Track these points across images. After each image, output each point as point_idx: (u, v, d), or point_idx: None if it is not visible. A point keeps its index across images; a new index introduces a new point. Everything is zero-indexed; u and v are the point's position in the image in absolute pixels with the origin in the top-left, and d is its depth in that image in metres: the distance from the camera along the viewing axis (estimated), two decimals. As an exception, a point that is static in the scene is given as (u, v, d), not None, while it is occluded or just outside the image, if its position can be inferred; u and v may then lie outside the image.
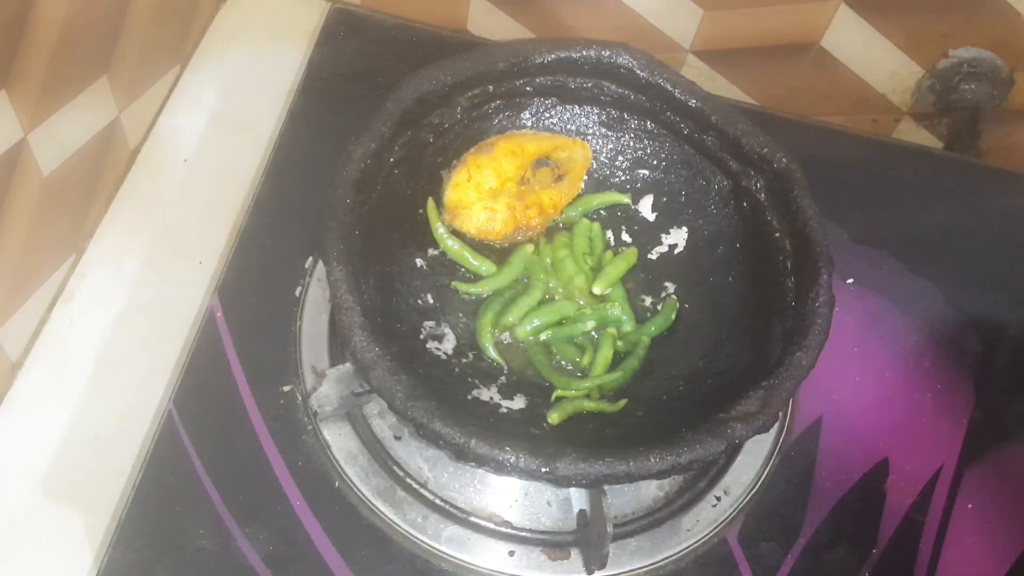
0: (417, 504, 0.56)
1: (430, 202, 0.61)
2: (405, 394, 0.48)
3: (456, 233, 0.62)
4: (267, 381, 0.59)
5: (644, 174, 0.66)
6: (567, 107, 0.65)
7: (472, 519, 0.56)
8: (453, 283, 0.61)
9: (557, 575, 0.55)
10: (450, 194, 0.62)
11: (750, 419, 0.50)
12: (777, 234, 0.59)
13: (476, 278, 0.62)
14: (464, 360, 0.59)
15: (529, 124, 0.65)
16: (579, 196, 0.66)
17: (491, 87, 0.61)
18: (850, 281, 0.70)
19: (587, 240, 0.64)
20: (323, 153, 0.59)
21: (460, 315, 0.61)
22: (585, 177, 0.66)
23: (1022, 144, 0.83)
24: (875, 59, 0.79)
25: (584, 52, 0.61)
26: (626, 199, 0.66)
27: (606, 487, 0.53)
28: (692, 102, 0.61)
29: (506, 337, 0.60)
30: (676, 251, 0.65)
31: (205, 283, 0.66)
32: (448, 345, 0.59)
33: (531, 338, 0.60)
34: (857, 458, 0.63)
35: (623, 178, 0.67)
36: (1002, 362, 0.69)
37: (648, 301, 0.64)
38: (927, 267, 0.72)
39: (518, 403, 0.58)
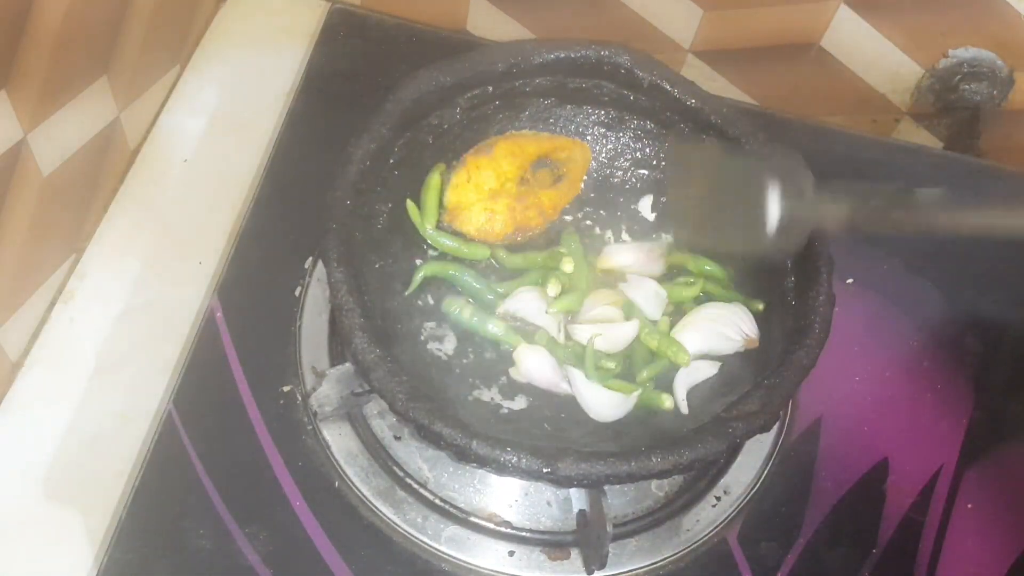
0: (417, 504, 0.56)
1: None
2: (406, 395, 0.48)
3: (454, 233, 0.62)
4: (267, 381, 0.59)
5: (644, 174, 0.66)
6: (566, 107, 0.65)
7: (472, 519, 0.56)
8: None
9: (557, 575, 0.55)
10: (449, 195, 0.62)
11: (751, 418, 0.50)
12: (777, 234, 0.59)
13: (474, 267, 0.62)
14: (465, 361, 0.59)
15: (528, 125, 0.65)
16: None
17: (490, 88, 0.61)
18: (850, 281, 0.70)
19: None
20: (323, 153, 0.59)
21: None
22: (585, 177, 0.66)
23: (1022, 144, 0.83)
24: (875, 59, 0.79)
25: (583, 52, 0.61)
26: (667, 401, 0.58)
27: (606, 487, 0.53)
28: (691, 102, 0.61)
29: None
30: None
31: (205, 283, 0.66)
32: (449, 346, 0.59)
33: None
34: (857, 458, 0.63)
35: (623, 178, 0.67)
36: (1002, 362, 0.69)
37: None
38: (927, 267, 0.72)
39: (519, 403, 0.58)
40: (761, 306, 0.59)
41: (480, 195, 0.62)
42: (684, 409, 0.56)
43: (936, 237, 0.72)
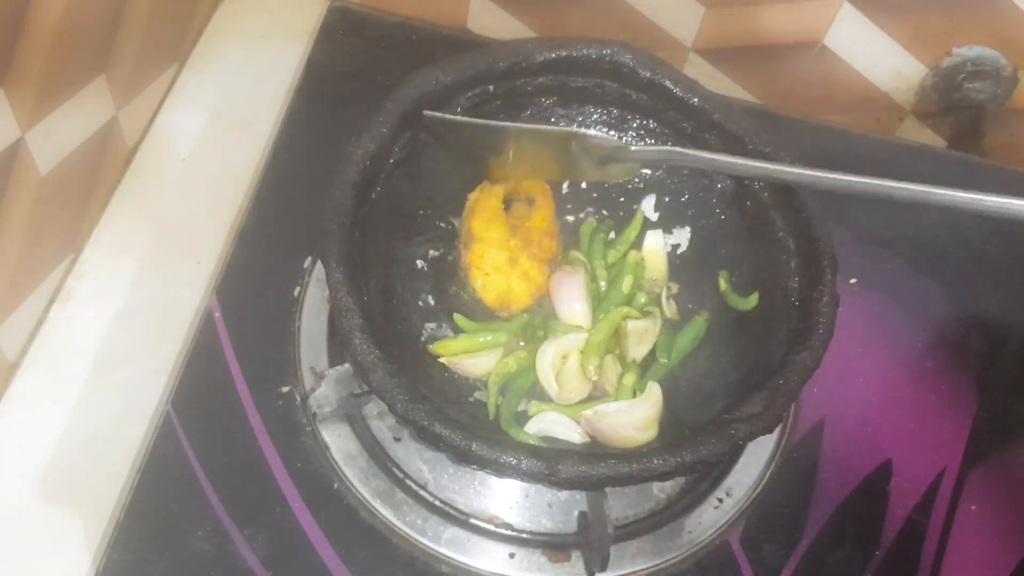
0: (417, 506, 0.56)
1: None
2: (406, 397, 0.48)
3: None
4: (266, 382, 0.59)
5: (646, 173, 0.66)
6: (568, 107, 0.65)
7: (472, 521, 0.56)
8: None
9: (558, 578, 0.55)
10: (486, 297, 0.60)
11: (754, 420, 0.50)
12: (780, 233, 0.59)
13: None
14: (464, 361, 0.59)
15: (530, 124, 0.65)
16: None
17: (491, 87, 0.61)
18: (853, 281, 0.69)
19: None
20: (322, 152, 0.58)
21: (460, 316, 0.61)
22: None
23: (1026, 143, 0.82)
24: (878, 57, 0.79)
25: (585, 51, 0.61)
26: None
27: (608, 489, 0.53)
28: (694, 100, 0.61)
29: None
30: (679, 251, 0.65)
31: (203, 283, 0.66)
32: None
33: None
34: (860, 460, 0.62)
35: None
36: (1006, 363, 0.69)
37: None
38: (931, 267, 0.71)
39: (520, 404, 0.57)
40: (753, 302, 0.59)
41: (506, 274, 0.60)
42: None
43: (940, 237, 0.72)
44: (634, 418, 0.55)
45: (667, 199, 0.65)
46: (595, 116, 0.65)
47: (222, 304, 0.61)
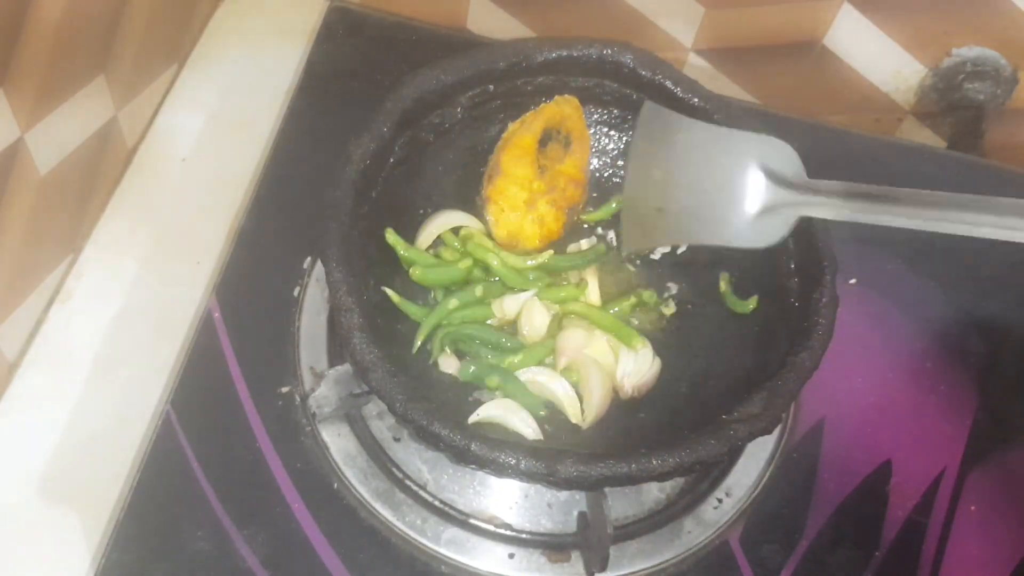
0: (416, 506, 0.56)
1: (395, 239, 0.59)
2: (405, 396, 0.48)
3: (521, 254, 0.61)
4: (265, 382, 0.59)
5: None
6: (568, 106, 0.65)
7: (472, 521, 0.56)
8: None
9: (558, 578, 0.55)
10: (497, 232, 0.61)
11: (753, 420, 0.50)
12: (780, 234, 0.59)
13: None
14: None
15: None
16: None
17: (492, 86, 0.61)
18: (852, 281, 0.69)
19: None
20: (322, 152, 0.58)
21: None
22: (591, 168, 0.65)
23: (1026, 143, 0.82)
24: (878, 58, 0.79)
25: (586, 51, 0.61)
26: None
27: (607, 489, 0.53)
28: (694, 101, 0.61)
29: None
30: (679, 251, 0.65)
31: (203, 283, 0.66)
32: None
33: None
34: (860, 460, 0.62)
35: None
36: (1006, 363, 0.69)
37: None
38: (931, 267, 0.71)
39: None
40: (752, 305, 0.59)
41: (520, 212, 0.61)
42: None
43: (940, 237, 0.72)
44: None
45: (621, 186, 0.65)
46: (596, 116, 0.65)
47: (222, 304, 0.61)
